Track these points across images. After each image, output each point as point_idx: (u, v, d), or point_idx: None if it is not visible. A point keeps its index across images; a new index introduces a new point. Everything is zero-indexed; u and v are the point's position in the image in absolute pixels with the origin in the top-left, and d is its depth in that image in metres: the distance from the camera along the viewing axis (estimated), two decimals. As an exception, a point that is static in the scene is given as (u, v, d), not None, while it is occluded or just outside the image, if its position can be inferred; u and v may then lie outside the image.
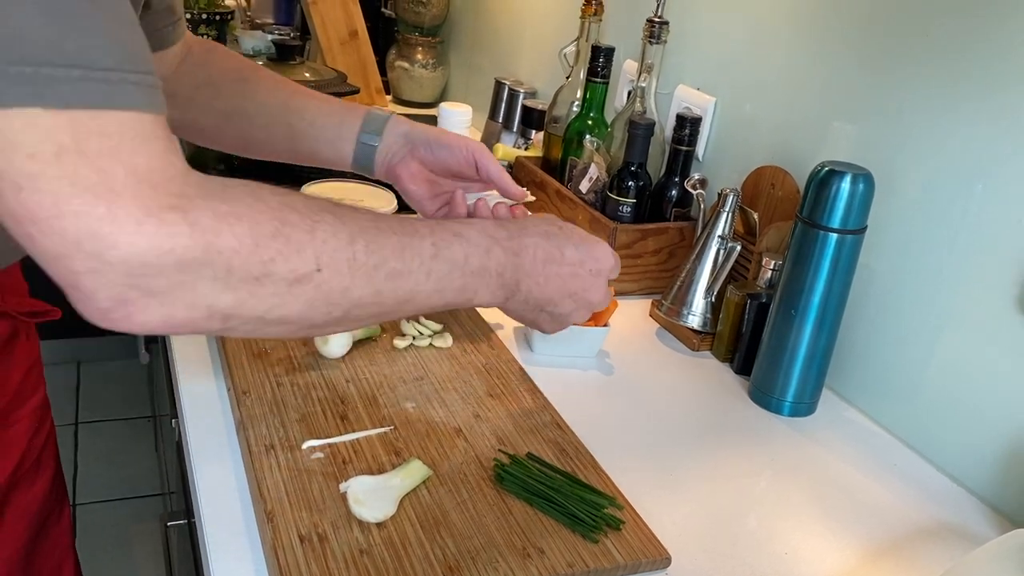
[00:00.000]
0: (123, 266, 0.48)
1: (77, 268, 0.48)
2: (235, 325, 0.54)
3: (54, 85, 0.46)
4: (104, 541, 2.05)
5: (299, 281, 0.55)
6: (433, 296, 0.64)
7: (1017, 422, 0.82)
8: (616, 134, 1.23)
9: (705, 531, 0.76)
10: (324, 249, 0.56)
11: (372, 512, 0.67)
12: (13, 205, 0.47)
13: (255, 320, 0.55)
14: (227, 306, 0.53)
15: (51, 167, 0.46)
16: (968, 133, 0.86)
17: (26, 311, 0.86)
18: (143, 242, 0.48)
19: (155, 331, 0.52)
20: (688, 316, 1.06)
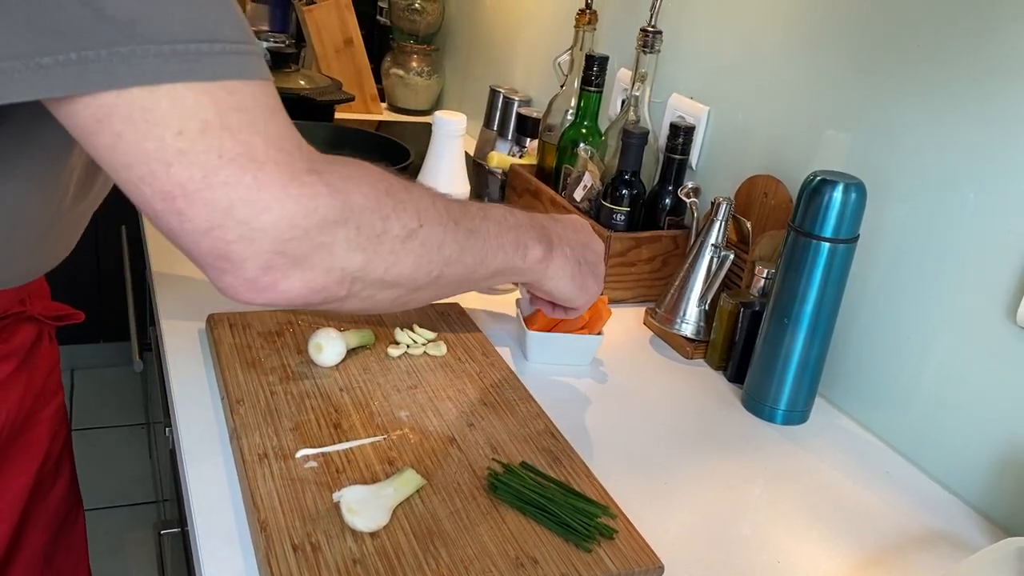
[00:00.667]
0: (273, 230, 0.51)
1: (229, 237, 0.51)
2: (358, 290, 0.58)
3: (202, 60, 0.48)
4: (98, 549, 2.04)
5: (409, 237, 0.59)
6: (498, 254, 0.71)
7: (1009, 430, 0.82)
8: (610, 143, 1.24)
9: (698, 539, 0.76)
10: (421, 206, 0.61)
11: (365, 521, 0.67)
12: (164, 182, 0.49)
13: (375, 283, 0.59)
14: (356, 267, 0.57)
15: (198, 142, 0.49)
16: (960, 142, 0.87)
17: (51, 315, 0.87)
18: (290, 204, 0.51)
19: (294, 300, 0.55)
20: (681, 324, 1.07)
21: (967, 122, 0.86)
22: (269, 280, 0.53)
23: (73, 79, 0.47)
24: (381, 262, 0.58)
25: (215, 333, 0.93)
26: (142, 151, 0.48)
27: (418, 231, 0.60)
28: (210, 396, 0.86)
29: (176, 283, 1.07)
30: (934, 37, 0.89)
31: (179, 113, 0.48)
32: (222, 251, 0.51)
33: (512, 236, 0.73)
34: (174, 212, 0.50)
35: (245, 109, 0.50)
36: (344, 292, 0.57)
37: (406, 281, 0.61)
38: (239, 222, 0.50)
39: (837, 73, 1.01)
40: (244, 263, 0.52)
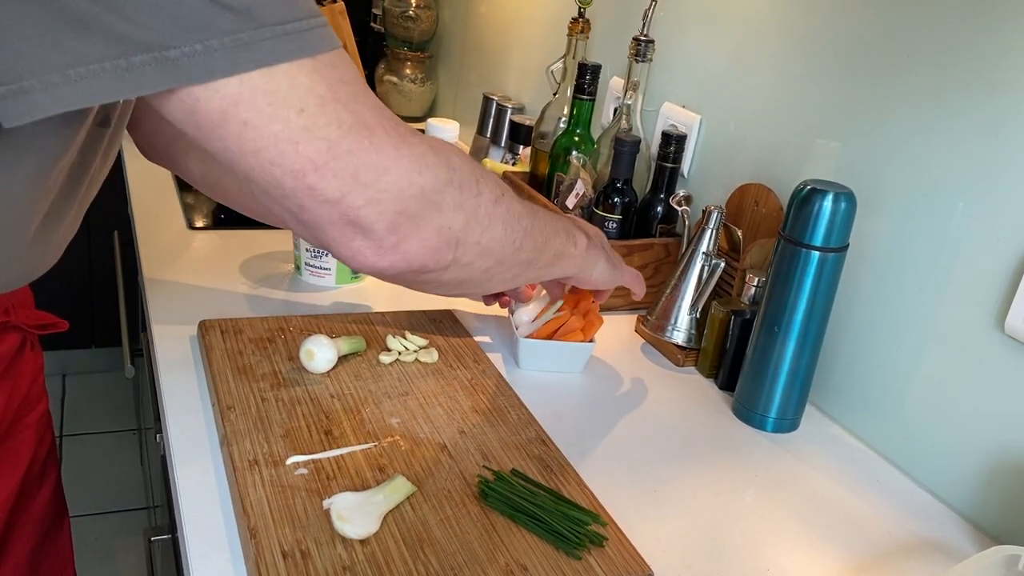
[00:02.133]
0: (395, 188, 0.55)
1: (358, 203, 0.54)
2: (460, 255, 0.62)
3: (304, 37, 0.51)
4: (88, 555, 2.04)
5: (496, 202, 0.64)
6: (556, 237, 0.74)
7: (998, 439, 0.83)
8: (602, 150, 1.24)
9: (688, 547, 0.76)
10: (495, 178, 0.65)
11: (355, 529, 0.67)
12: (293, 160, 0.52)
13: (473, 248, 0.62)
14: (460, 226, 0.60)
15: (319, 117, 0.52)
16: (949, 152, 0.87)
17: (34, 323, 0.87)
18: (405, 163, 0.55)
19: (412, 262, 0.58)
20: (673, 332, 1.07)
21: (957, 132, 0.86)
22: (394, 240, 0.56)
23: (199, 69, 0.49)
24: (478, 224, 0.61)
25: (206, 339, 0.92)
26: (270, 134, 0.51)
27: (502, 198, 0.64)
28: (201, 402, 0.86)
29: (168, 289, 1.07)
30: (924, 48, 0.89)
31: (297, 92, 0.51)
32: (352, 217, 0.54)
33: (563, 223, 0.77)
34: (305, 188, 0.53)
35: (347, 81, 0.53)
36: (451, 256, 0.61)
37: (496, 247, 0.65)
38: (365, 186, 0.53)
39: (828, 83, 1.02)
40: (373, 225, 0.55)
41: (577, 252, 0.80)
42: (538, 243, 0.72)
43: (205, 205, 1.34)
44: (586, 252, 0.81)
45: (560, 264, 0.78)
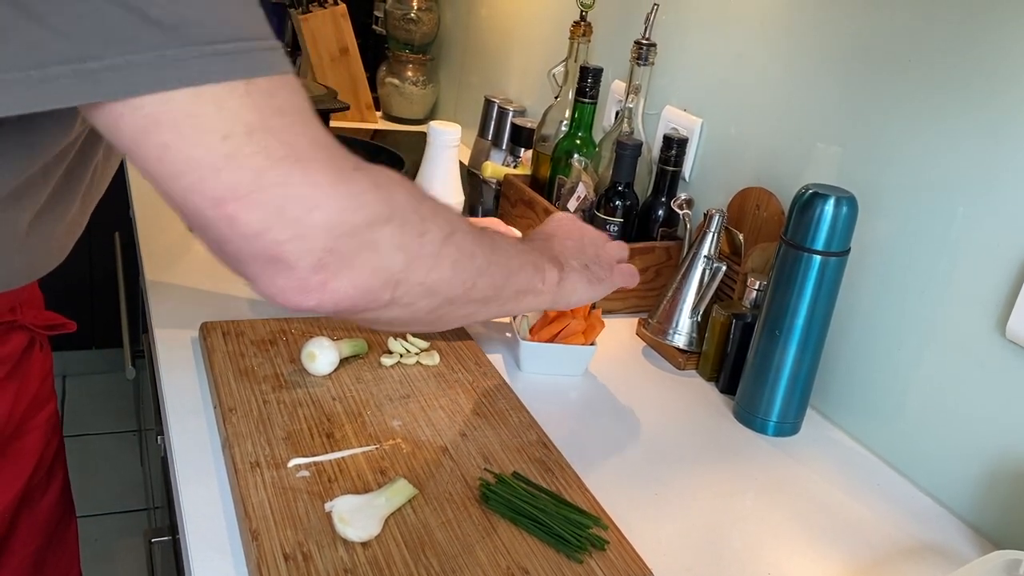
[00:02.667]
0: (324, 226, 0.51)
1: (281, 237, 0.50)
2: (401, 295, 0.57)
3: (240, 58, 0.48)
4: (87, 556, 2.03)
5: (445, 240, 0.59)
6: (521, 273, 0.71)
7: (999, 443, 0.83)
8: (604, 154, 1.24)
9: (689, 550, 0.76)
10: (450, 214, 0.61)
11: (356, 531, 0.67)
12: (213, 187, 0.48)
13: (416, 288, 0.58)
14: (400, 267, 0.56)
15: (245, 145, 0.48)
16: (950, 157, 0.87)
17: (43, 324, 0.87)
18: (340, 200, 0.51)
19: (340, 302, 0.54)
20: (674, 335, 1.07)
21: (957, 136, 0.86)
22: (320, 280, 0.52)
23: (120, 84, 0.46)
24: (422, 264, 0.58)
25: (208, 341, 0.93)
26: (190, 159, 0.48)
27: (452, 236, 0.60)
28: (202, 404, 0.86)
29: (169, 290, 1.07)
30: (924, 52, 0.90)
31: (224, 117, 0.48)
32: (275, 252, 0.51)
33: (530, 257, 0.73)
34: (225, 218, 0.49)
35: (285, 111, 0.50)
36: (388, 296, 0.57)
37: (444, 288, 0.61)
38: (291, 220, 0.50)
39: (829, 87, 1.02)
40: (297, 262, 0.51)
41: (545, 288, 0.75)
42: (496, 281, 0.67)
43: (207, 207, 1.34)
44: (557, 287, 0.76)
45: (526, 300, 0.73)
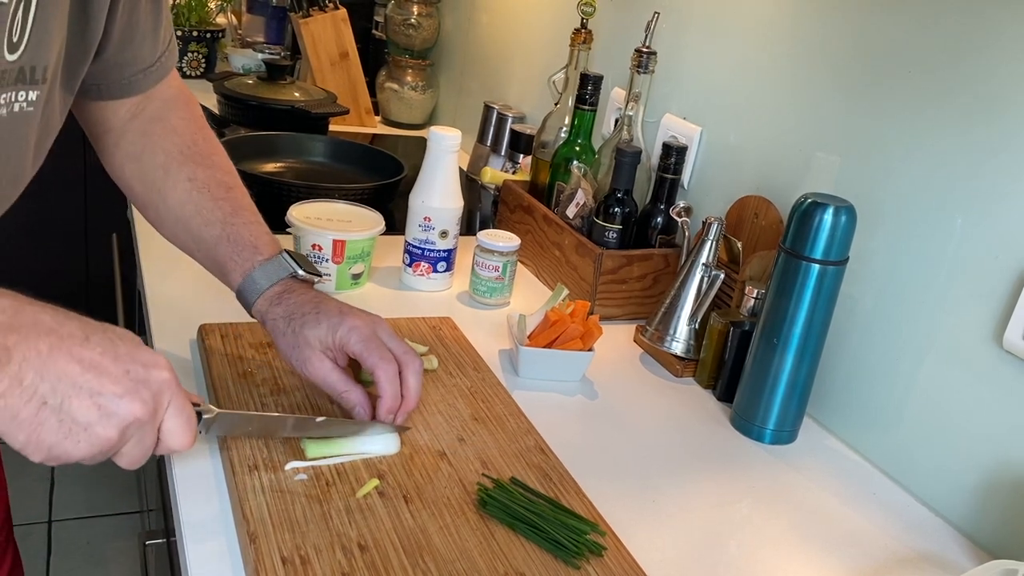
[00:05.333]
0: None
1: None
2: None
3: None
4: (80, 559, 2.03)
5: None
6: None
7: (995, 453, 0.83)
8: (603, 161, 1.24)
9: (686, 557, 0.76)
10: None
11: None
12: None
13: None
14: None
15: None
16: (949, 168, 0.88)
17: None
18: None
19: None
20: (672, 342, 1.07)
21: (956, 148, 0.87)
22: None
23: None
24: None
25: (206, 343, 0.92)
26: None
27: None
28: (200, 407, 0.86)
29: (168, 293, 1.07)
30: (925, 64, 0.90)
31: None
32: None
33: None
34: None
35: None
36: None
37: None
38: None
39: (828, 97, 1.02)
40: None
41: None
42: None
43: (205, 209, 1.34)
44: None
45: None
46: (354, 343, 0.78)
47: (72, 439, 0.55)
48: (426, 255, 1.18)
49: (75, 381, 0.54)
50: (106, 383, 0.55)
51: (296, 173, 1.54)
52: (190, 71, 2.15)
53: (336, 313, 0.79)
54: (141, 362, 0.58)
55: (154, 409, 0.58)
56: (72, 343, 0.55)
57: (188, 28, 2.13)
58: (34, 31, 0.63)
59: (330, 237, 1.11)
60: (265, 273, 0.83)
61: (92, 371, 0.55)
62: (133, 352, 0.58)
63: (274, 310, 0.81)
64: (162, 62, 0.86)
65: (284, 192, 1.34)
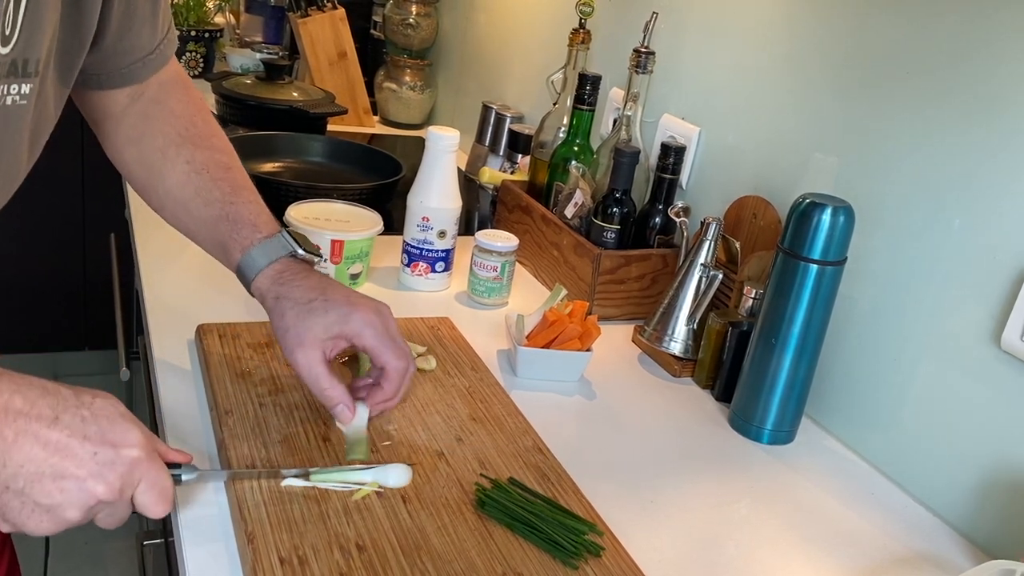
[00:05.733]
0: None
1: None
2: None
3: None
4: (77, 560, 2.03)
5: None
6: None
7: (993, 453, 0.83)
8: (601, 161, 1.24)
9: (684, 558, 0.76)
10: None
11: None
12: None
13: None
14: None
15: None
16: (946, 169, 0.88)
17: None
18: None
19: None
20: (670, 342, 1.07)
21: (954, 148, 0.87)
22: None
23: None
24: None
25: (205, 343, 0.92)
26: None
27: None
28: (198, 407, 0.86)
29: (166, 292, 1.07)
30: (922, 65, 0.90)
31: None
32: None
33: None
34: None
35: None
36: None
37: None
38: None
39: (826, 97, 1.02)
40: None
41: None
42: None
43: (203, 209, 1.34)
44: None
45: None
46: (369, 337, 0.78)
47: (35, 519, 0.56)
48: (424, 255, 1.17)
49: (39, 467, 0.55)
50: (69, 467, 0.56)
51: (294, 173, 1.54)
52: (188, 71, 2.15)
53: (345, 303, 0.79)
54: (110, 442, 0.58)
55: (120, 489, 0.58)
56: (40, 425, 0.55)
57: (186, 28, 2.12)
58: (25, 24, 0.63)
59: (328, 237, 1.11)
60: (264, 251, 0.82)
61: (57, 455, 0.56)
62: (104, 431, 0.58)
63: (275, 288, 0.81)
64: (161, 50, 0.85)
65: (282, 192, 1.34)
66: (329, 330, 0.78)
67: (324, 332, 0.78)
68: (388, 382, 0.79)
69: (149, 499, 0.61)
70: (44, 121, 0.73)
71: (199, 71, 2.17)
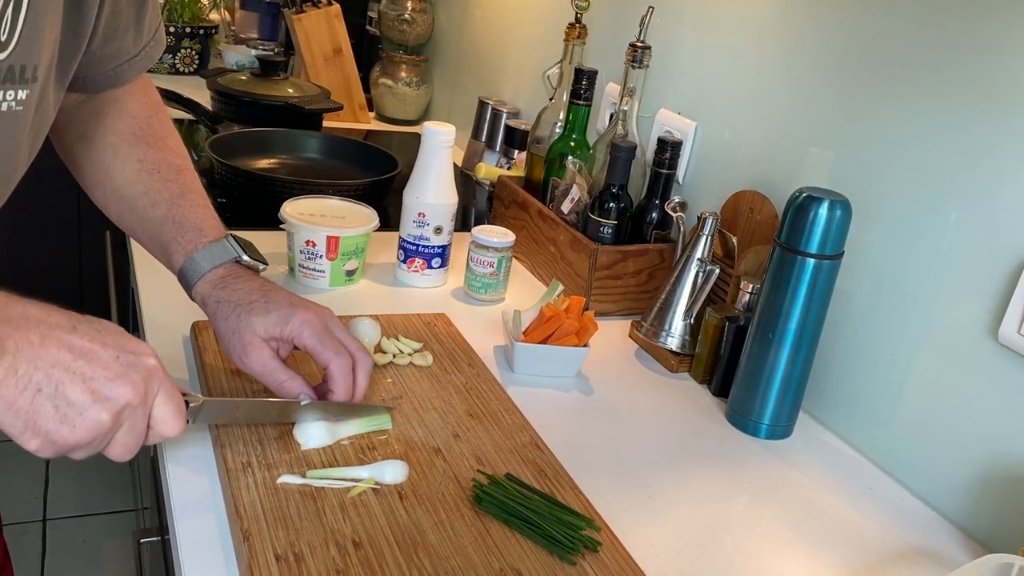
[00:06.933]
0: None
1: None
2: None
3: None
4: (74, 558, 2.02)
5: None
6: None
7: (990, 447, 0.83)
8: (598, 156, 1.24)
9: (682, 553, 0.76)
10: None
11: (306, 439, 0.75)
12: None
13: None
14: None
15: None
16: (943, 162, 0.88)
17: None
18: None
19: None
20: (667, 338, 1.07)
21: (950, 142, 0.87)
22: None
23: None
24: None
25: (200, 340, 0.92)
26: None
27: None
28: (194, 404, 0.85)
29: (161, 290, 1.07)
30: (919, 58, 0.90)
31: None
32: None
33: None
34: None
35: None
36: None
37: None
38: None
39: (823, 92, 1.02)
40: None
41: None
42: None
43: (199, 206, 1.33)
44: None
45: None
46: (307, 337, 0.77)
47: (68, 424, 0.56)
48: (420, 251, 1.17)
49: (68, 367, 0.56)
50: (97, 368, 0.57)
51: (290, 169, 1.53)
52: (183, 67, 2.14)
53: (286, 304, 0.78)
54: (129, 349, 0.60)
55: (144, 393, 0.59)
56: (61, 332, 0.57)
57: (181, 24, 2.12)
58: (24, 30, 0.63)
59: (324, 233, 1.10)
60: (209, 255, 0.81)
61: (83, 357, 0.57)
62: (120, 340, 0.60)
63: (217, 293, 0.79)
64: (146, 52, 0.84)
65: (278, 188, 1.34)
66: (269, 330, 0.77)
67: (264, 332, 0.77)
68: (333, 382, 0.78)
69: (167, 410, 0.62)
70: (44, 124, 0.73)
71: (194, 68, 2.16)
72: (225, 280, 0.80)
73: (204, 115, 1.69)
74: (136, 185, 0.84)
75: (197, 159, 1.61)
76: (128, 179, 0.85)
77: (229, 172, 1.39)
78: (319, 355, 0.78)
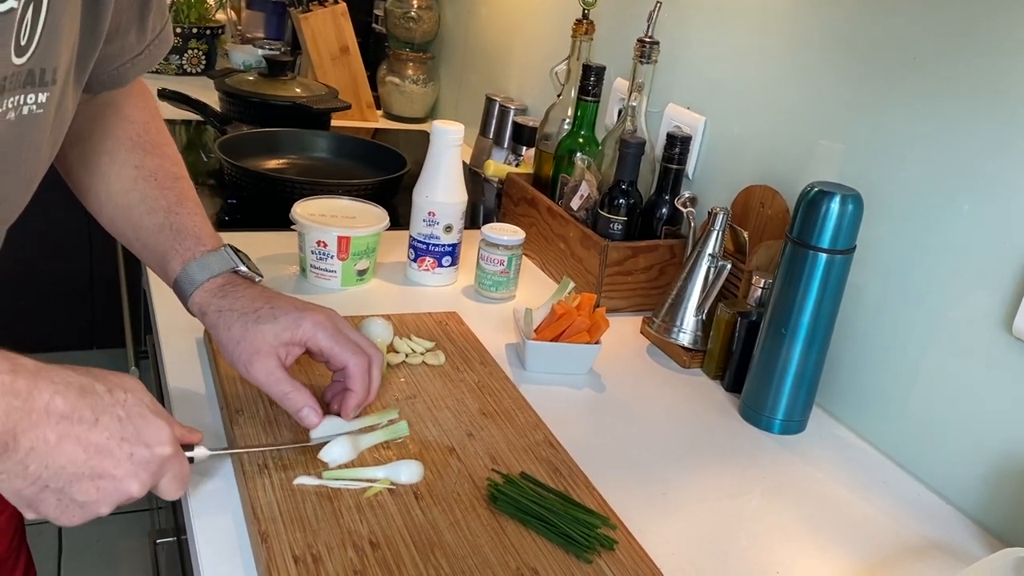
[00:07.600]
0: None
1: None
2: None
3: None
4: (90, 559, 2.04)
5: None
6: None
7: (1004, 440, 0.83)
8: (607, 152, 1.24)
9: (697, 550, 0.76)
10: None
11: (333, 457, 0.75)
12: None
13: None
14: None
15: None
16: (954, 154, 0.87)
17: None
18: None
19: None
20: (679, 333, 1.07)
21: (962, 133, 0.86)
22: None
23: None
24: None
25: (215, 344, 0.92)
26: None
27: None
28: (208, 406, 0.86)
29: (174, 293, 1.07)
30: (930, 51, 0.89)
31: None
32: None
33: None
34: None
35: None
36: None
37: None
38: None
39: (832, 85, 1.02)
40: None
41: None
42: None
43: (209, 207, 1.34)
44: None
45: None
46: (322, 339, 0.77)
47: (68, 513, 0.60)
48: (431, 250, 1.17)
49: (80, 468, 0.58)
50: (108, 467, 0.59)
51: (299, 169, 1.54)
52: (190, 68, 2.15)
53: (293, 308, 0.78)
54: (145, 442, 0.61)
55: (150, 484, 0.63)
56: (82, 429, 0.58)
57: (188, 25, 2.12)
58: (44, 34, 0.63)
59: (335, 234, 1.10)
60: (207, 264, 0.81)
61: (97, 456, 0.59)
62: (139, 431, 0.61)
63: (218, 302, 0.79)
64: (150, 50, 0.83)
65: (287, 189, 1.34)
66: (280, 336, 0.76)
67: (275, 339, 0.76)
68: (353, 381, 0.77)
69: (171, 487, 0.65)
70: (63, 126, 0.73)
71: (201, 68, 2.16)
72: (225, 289, 0.80)
73: (212, 116, 1.69)
74: (133, 192, 0.84)
75: (206, 160, 1.61)
76: (124, 185, 0.84)
77: (239, 173, 1.39)
78: (336, 356, 0.77)
